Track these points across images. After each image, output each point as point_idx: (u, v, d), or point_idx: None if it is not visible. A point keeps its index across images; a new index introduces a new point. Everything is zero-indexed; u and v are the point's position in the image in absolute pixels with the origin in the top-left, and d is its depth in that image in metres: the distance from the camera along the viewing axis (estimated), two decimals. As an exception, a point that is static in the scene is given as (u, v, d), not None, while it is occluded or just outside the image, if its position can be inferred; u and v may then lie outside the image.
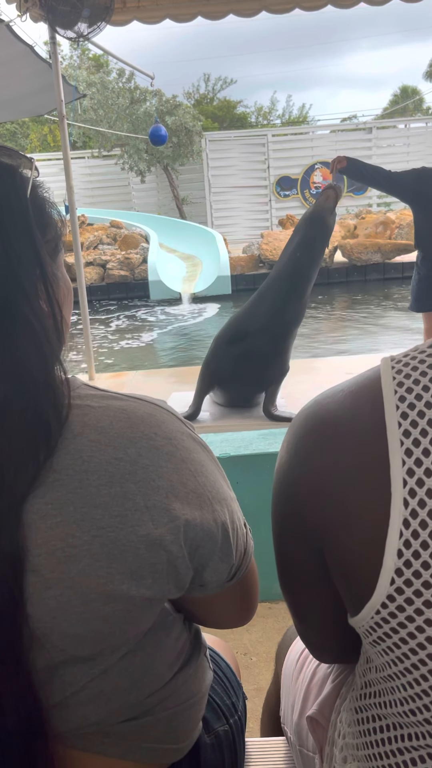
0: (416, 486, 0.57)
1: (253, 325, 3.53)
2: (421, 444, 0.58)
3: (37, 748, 0.63)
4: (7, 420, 0.61)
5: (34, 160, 0.71)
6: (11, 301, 0.63)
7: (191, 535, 0.66)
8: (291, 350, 3.71)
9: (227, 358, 3.59)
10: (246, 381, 3.68)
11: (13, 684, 0.61)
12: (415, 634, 0.58)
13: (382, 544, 0.58)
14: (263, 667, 2.11)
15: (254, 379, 3.68)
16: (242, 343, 3.53)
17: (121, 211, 17.61)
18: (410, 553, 0.57)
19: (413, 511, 0.57)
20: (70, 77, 11.06)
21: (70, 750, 0.70)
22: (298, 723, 0.99)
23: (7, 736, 0.62)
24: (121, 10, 4.57)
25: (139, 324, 10.40)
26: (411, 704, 0.62)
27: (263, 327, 3.50)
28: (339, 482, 0.62)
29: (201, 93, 32.73)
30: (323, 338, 8.40)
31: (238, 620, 0.85)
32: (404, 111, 29.36)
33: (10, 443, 0.60)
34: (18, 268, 0.64)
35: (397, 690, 0.63)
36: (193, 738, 0.81)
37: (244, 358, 3.54)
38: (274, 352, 3.58)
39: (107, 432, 0.64)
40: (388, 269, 12.20)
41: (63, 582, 0.60)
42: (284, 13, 4.76)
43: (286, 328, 3.58)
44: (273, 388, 3.73)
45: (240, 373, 3.61)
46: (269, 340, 3.52)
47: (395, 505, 0.58)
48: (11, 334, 0.62)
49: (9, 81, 5.35)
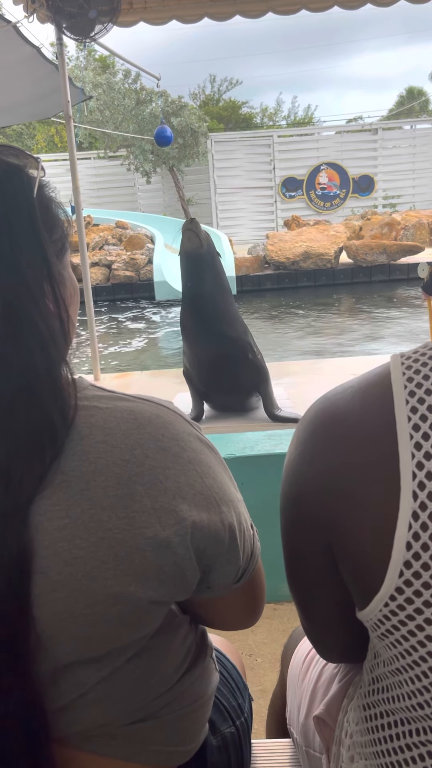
0: (425, 479, 0.58)
1: (208, 347, 3.61)
2: (430, 438, 0.58)
3: (41, 751, 0.63)
4: (13, 421, 0.61)
5: (41, 159, 0.71)
6: (18, 302, 0.63)
7: (198, 537, 0.66)
8: (257, 350, 3.76)
9: (201, 381, 3.70)
10: (227, 392, 3.74)
11: (19, 687, 0.61)
12: (423, 626, 0.59)
13: (391, 537, 0.58)
14: (268, 668, 2.11)
15: (234, 389, 3.73)
16: (206, 366, 3.62)
17: (127, 212, 17.63)
18: (419, 545, 0.57)
19: (422, 503, 0.57)
20: (76, 78, 11.10)
21: (77, 752, 0.70)
22: (304, 723, 0.99)
23: (12, 739, 0.61)
24: (128, 11, 4.58)
25: (144, 324, 10.41)
26: (419, 697, 0.62)
27: (216, 345, 3.58)
28: (349, 478, 0.62)
29: (207, 94, 32.75)
30: (328, 339, 8.40)
31: (245, 622, 0.85)
32: (410, 112, 29.31)
33: (16, 444, 0.60)
34: (25, 268, 0.64)
35: (406, 683, 0.63)
36: (200, 740, 0.81)
37: (216, 376, 3.62)
38: (238, 360, 3.64)
39: (114, 433, 0.64)
40: (394, 270, 12.18)
41: (70, 584, 0.60)
42: (291, 14, 4.75)
43: (237, 335, 3.66)
44: (264, 390, 3.74)
45: (217, 388, 3.69)
46: (228, 352, 3.60)
47: (404, 497, 0.58)
48: (17, 334, 0.62)
49: (16, 85, 5.37)
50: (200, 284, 3.59)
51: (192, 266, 3.62)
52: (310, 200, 19.00)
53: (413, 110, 29.78)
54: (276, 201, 19.16)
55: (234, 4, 4.63)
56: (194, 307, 3.60)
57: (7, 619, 0.59)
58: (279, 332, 8.87)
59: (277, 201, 19.15)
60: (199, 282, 3.59)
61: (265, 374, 3.74)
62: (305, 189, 18.99)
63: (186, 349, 3.78)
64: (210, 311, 3.58)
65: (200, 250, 3.63)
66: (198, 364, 3.68)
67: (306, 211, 18.29)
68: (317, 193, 18.98)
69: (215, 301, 3.61)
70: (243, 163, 19.02)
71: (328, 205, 18.99)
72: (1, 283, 0.62)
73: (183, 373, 3.86)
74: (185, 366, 3.83)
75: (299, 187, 19.01)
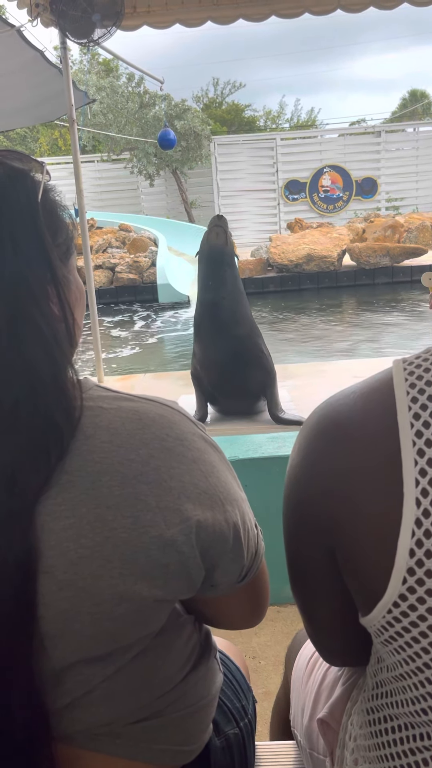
0: (429, 486, 0.57)
1: (223, 349, 3.58)
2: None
3: (43, 749, 0.63)
4: (17, 423, 0.61)
5: (46, 164, 0.72)
6: (21, 307, 0.63)
7: (203, 536, 0.66)
8: (267, 352, 3.74)
9: (211, 382, 3.67)
10: (236, 394, 3.72)
11: (22, 685, 0.61)
12: (427, 633, 0.59)
13: (395, 544, 0.58)
14: (272, 670, 2.10)
15: (243, 391, 3.72)
16: (219, 368, 3.59)
17: (130, 215, 17.65)
18: (422, 552, 0.57)
19: (425, 510, 0.57)
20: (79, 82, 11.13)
21: (82, 751, 0.70)
22: (308, 726, 0.99)
23: (14, 737, 0.62)
24: (131, 15, 4.59)
25: (148, 327, 10.42)
26: (423, 703, 0.62)
27: (231, 348, 3.55)
28: (351, 483, 0.62)
29: (210, 97, 32.78)
30: (331, 342, 8.39)
31: (248, 621, 0.85)
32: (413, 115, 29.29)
33: (20, 446, 0.61)
34: (28, 272, 0.64)
35: (409, 689, 0.63)
36: (204, 740, 0.81)
37: (227, 378, 3.60)
38: (251, 363, 3.61)
39: (119, 433, 0.64)
40: (397, 273, 12.15)
41: (75, 583, 0.61)
42: (293, 18, 4.76)
43: (251, 338, 3.63)
44: (270, 392, 3.73)
45: (227, 390, 3.66)
46: (243, 355, 3.57)
47: (407, 504, 0.58)
48: (21, 338, 0.63)
49: (20, 88, 5.39)
50: (221, 283, 3.54)
51: (214, 264, 3.54)
52: (313, 203, 18.99)
53: (416, 112, 29.77)
54: (279, 204, 19.16)
55: (237, 7, 4.64)
56: (212, 307, 3.56)
57: (12, 618, 0.59)
58: (282, 335, 8.86)
59: (280, 204, 19.15)
60: (220, 281, 3.54)
61: (273, 377, 3.74)
62: (308, 192, 18.99)
63: (197, 350, 3.74)
64: (228, 313, 3.55)
65: (225, 248, 3.57)
66: (210, 366, 3.65)
67: (309, 214, 18.28)
68: (320, 196, 18.97)
69: (233, 303, 3.58)
70: (246, 165, 19.02)
71: (331, 207, 18.98)
72: (5, 288, 0.63)
73: (191, 374, 3.83)
74: (194, 367, 3.80)
75: (302, 190, 19.00)
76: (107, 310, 11.72)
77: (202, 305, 3.63)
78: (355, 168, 18.83)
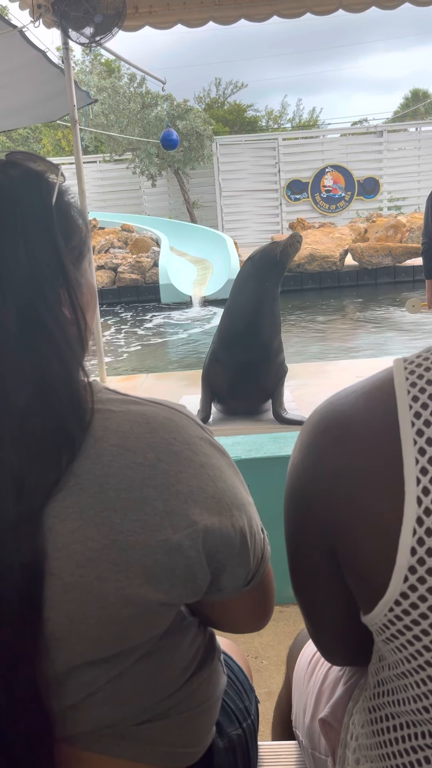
0: (430, 484, 0.58)
1: (252, 352, 3.64)
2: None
3: (45, 751, 0.63)
4: (28, 427, 0.61)
5: (60, 166, 0.72)
6: (33, 310, 0.63)
7: (210, 541, 0.66)
8: (283, 351, 3.78)
9: (225, 383, 3.71)
10: (248, 395, 3.75)
11: (26, 687, 0.61)
12: (429, 631, 0.59)
13: (396, 542, 0.59)
14: (274, 670, 2.10)
15: (255, 392, 3.75)
16: (234, 366, 3.64)
17: (132, 215, 17.67)
18: (423, 551, 0.57)
19: (426, 509, 0.57)
20: (81, 82, 11.13)
21: (85, 752, 0.70)
22: (310, 726, 0.99)
23: (16, 738, 0.62)
24: (133, 15, 4.60)
25: (150, 327, 10.42)
26: (425, 701, 0.62)
27: (250, 346, 3.62)
28: (352, 482, 0.63)
29: (212, 97, 32.76)
30: (333, 341, 8.39)
31: (253, 625, 0.85)
32: (415, 114, 29.26)
33: (30, 450, 0.61)
34: (40, 276, 0.64)
35: (411, 687, 0.63)
36: (207, 742, 0.81)
37: (245, 383, 3.65)
38: (268, 362, 3.66)
39: (127, 436, 0.64)
40: (399, 272, 12.16)
41: (82, 586, 0.61)
42: (295, 18, 4.77)
43: (271, 338, 3.69)
44: (277, 392, 3.75)
45: (240, 391, 3.70)
46: (259, 355, 3.63)
47: (408, 503, 0.58)
48: (33, 343, 0.63)
49: (22, 87, 5.39)
50: (273, 290, 3.69)
51: (275, 274, 3.72)
52: (315, 203, 18.98)
53: (419, 112, 29.74)
54: (281, 204, 19.15)
55: (239, 7, 4.64)
56: (253, 312, 3.65)
57: (18, 619, 0.59)
58: (284, 335, 8.84)
59: (282, 204, 19.14)
60: (273, 288, 3.69)
61: (284, 375, 3.79)
62: (310, 192, 18.98)
63: (218, 350, 3.76)
64: (268, 318, 3.65)
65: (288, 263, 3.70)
66: (231, 367, 3.67)
67: (311, 214, 18.28)
68: (322, 196, 18.96)
69: (273, 309, 3.66)
70: (248, 166, 19.01)
71: (333, 207, 18.97)
72: (17, 291, 0.63)
73: (203, 375, 3.84)
74: (208, 369, 3.80)
75: (304, 190, 18.99)
76: (110, 311, 11.73)
77: (239, 308, 3.71)
78: (357, 168, 18.81)
